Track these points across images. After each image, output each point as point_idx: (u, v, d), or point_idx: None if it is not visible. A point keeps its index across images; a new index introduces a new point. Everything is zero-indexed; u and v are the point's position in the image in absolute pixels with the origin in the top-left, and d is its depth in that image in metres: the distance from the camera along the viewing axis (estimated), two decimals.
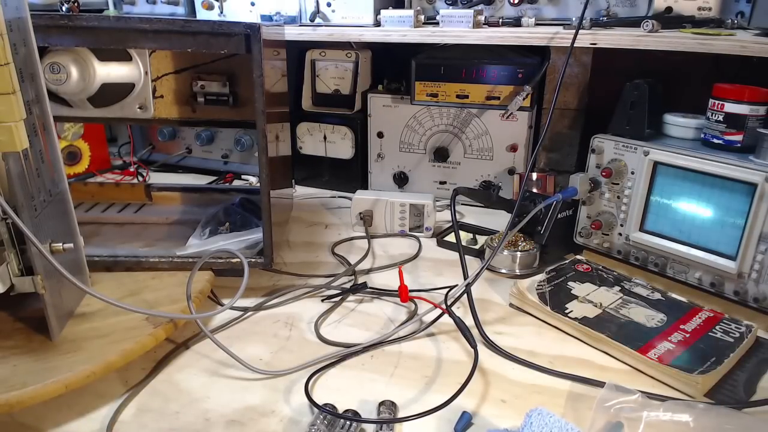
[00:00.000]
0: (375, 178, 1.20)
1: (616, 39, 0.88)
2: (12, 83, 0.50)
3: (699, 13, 0.94)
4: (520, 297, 0.76)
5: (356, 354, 0.67)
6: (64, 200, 0.65)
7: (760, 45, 0.77)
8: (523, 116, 1.06)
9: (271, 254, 0.79)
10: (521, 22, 0.98)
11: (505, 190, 1.10)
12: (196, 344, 0.69)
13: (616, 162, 0.85)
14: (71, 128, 1.23)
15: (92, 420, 0.56)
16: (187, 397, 0.59)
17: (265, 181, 0.76)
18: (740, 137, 0.76)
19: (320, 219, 1.08)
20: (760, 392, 0.60)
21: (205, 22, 0.71)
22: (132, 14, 1.19)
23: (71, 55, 0.83)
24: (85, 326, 0.64)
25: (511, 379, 0.63)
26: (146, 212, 0.99)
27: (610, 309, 0.73)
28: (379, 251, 0.95)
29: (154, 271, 0.77)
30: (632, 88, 0.83)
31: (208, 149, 1.29)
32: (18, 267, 0.58)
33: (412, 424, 0.55)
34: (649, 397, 0.54)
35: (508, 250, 0.87)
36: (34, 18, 0.59)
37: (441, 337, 0.70)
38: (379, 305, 0.78)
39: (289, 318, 0.75)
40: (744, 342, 0.66)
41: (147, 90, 0.93)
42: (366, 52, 1.15)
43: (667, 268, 0.82)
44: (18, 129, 0.51)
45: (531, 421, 0.51)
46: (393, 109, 1.14)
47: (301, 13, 1.08)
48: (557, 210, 0.84)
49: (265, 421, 0.56)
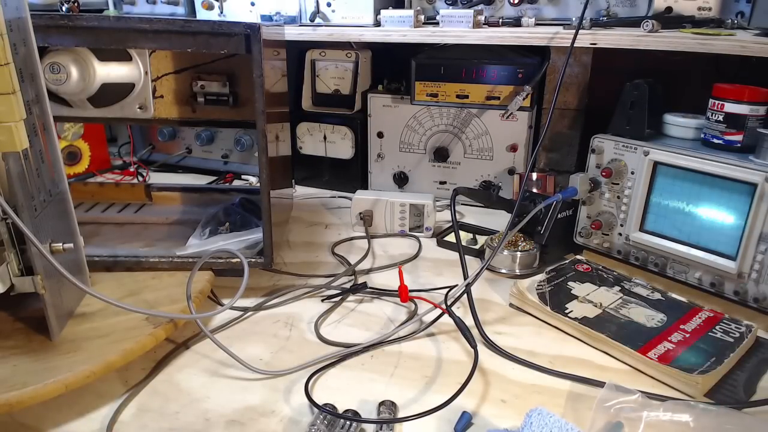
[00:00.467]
0: (375, 178, 1.20)
1: (616, 39, 0.88)
2: (12, 83, 0.50)
3: (699, 13, 0.94)
4: (520, 297, 0.76)
5: (356, 354, 0.67)
6: (64, 200, 0.65)
7: (760, 45, 0.77)
8: (523, 116, 1.06)
9: (271, 254, 0.79)
10: (521, 22, 0.98)
11: (505, 190, 1.10)
12: (196, 344, 0.69)
13: (616, 162, 0.85)
14: (71, 128, 1.23)
15: (92, 420, 0.56)
16: (187, 397, 0.59)
17: (265, 181, 0.76)
18: (740, 137, 0.76)
19: (320, 219, 1.08)
20: (760, 392, 0.60)
21: (205, 22, 0.71)
22: (132, 14, 1.19)
23: (71, 55, 0.83)
24: (85, 326, 0.64)
25: (511, 379, 0.63)
26: (146, 212, 0.99)
27: (610, 309, 0.73)
28: (379, 251, 0.95)
29: (154, 271, 0.77)
30: (632, 88, 0.83)
31: (208, 149, 1.29)
32: (18, 267, 0.58)
33: (412, 424, 0.55)
34: (649, 397, 0.54)
35: (508, 250, 0.87)
36: (34, 18, 0.59)
37: (441, 337, 0.70)
38: (379, 305, 0.78)
39: (289, 318, 0.75)
40: (744, 342, 0.66)
41: (147, 90, 0.93)
42: (366, 52, 1.15)
43: (667, 268, 0.82)
44: (18, 129, 0.51)
45: (531, 421, 0.51)
46: (393, 109, 1.14)
47: (301, 13, 1.08)
48: (557, 210, 0.84)
49: (265, 421, 0.56)
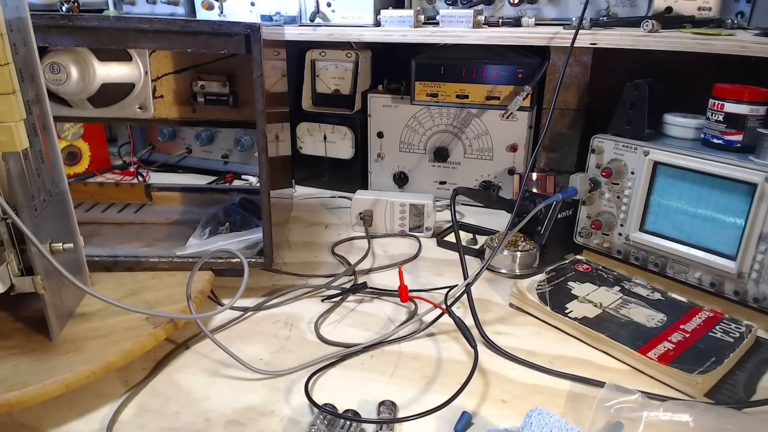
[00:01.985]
0: (375, 178, 1.20)
1: (616, 39, 0.88)
2: (12, 83, 0.50)
3: (699, 13, 0.94)
4: (520, 297, 0.76)
5: (356, 354, 0.67)
6: (64, 200, 0.65)
7: (760, 45, 0.77)
8: (523, 116, 1.06)
9: (271, 254, 0.79)
10: (521, 22, 0.98)
11: (505, 190, 1.10)
12: (196, 344, 0.69)
13: (616, 162, 0.85)
14: (71, 128, 1.23)
15: (92, 420, 0.56)
16: (187, 397, 0.59)
17: (265, 181, 0.76)
18: (740, 137, 0.76)
19: (320, 219, 1.08)
20: (760, 392, 0.60)
21: (205, 22, 0.71)
22: (132, 14, 1.19)
23: (71, 55, 0.83)
24: (85, 326, 0.64)
25: (511, 379, 0.63)
26: (146, 212, 0.99)
27: (610, 309, 0.73)
28: (379, 251, 0.95)
29: (154, 271, 0.77)
30: (632, 88, 0.83)
31: (208, 149, 1.29)
32: (18, 267, 0.58)
33: (412, 424, 0.55)
34: (649, 397, 0.54)
35: (508, 250, 0.87)
36: (34, 18, 0.59)
37: (441, 337, 0.70)
38: (379, 305, 0.78)
39: (289, 318, 0.75)
40: (744, 342, 0.66)
41: (147, 90, 0.93)
42: (366, 52, 1.15)
43: (667, 268, 0.82)
44: (18, 129, 0.51)
45: (531, 421, 0.51)
46: (393, 109, 1.14)
47: (301, 13, 1.08)
48: (557, 210, 0.84)
49: (265, 421, 0.56)
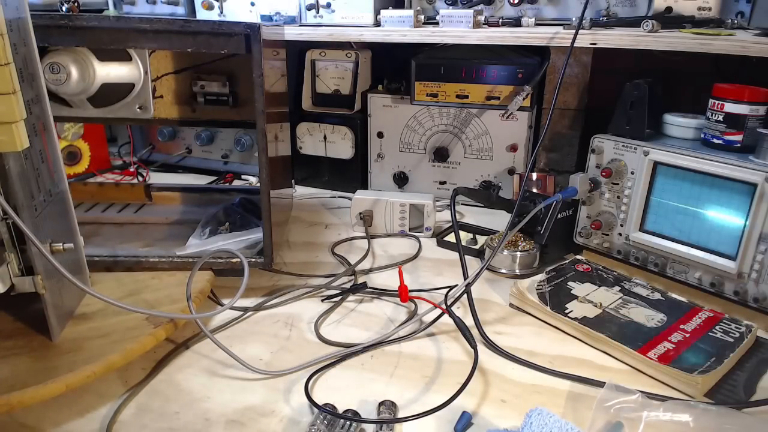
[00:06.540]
0: (375, 178, 1.20)
1: (616, 39, 0.88)
2: (12, 83, 0.50)
3: (699, 13, 0.94)
4: (520, 297, 0.76)
5: (356, 354, 0.67)
6: (64, 200, 0.65)
7: (759, 45, 0.77)
8: (523, 116, 1.06)
9: (271, 254, 0.79)
10: (521, 22, 0.98)
11: (505, 190, 1.10)
12: (196, 344, 0.69)
13: (616, 162, 0.85)
14: (71, 128, 1.23)
15: (92, 420, 0.56)
16: (187, 397, 0.59)
17: (265, 181, 0.76)
18: (740, 137, 0.76)
19: (320, 219, 1.08)
20: (760, 392, 0.60)
21: (205, 22, 0.71)
22: (132, 14, 1.19)
23: (71, 55, 0.83)
24: (85, 326, 0.64)
25: (511, 379, 0.63)
26: (146, 212, 0.99)
27: (610, 309, 0.73)
28: (379, 251, 0.95)
29: (154, 271, 0.77)
30: (632, 88, 0.83)
31: (208, 149, 1.29)
32: (18, 267, 0.58)
33: (412, 424, 0.55)
34: (649, 397, 0.54)
35: (508, 250, 0.87)
36: (34, 18, 0.59)
37: (441, 337, 0.70)
38: (379, 305, 0.78)
39: (289, 318, 0.75)
40: (744, 342, 0.66)
41: (147, 90, 0.93)
42: (366, 52, 1.15)
43: (667, 268, 0.82)
44: (18, 129, 0.51)
45: (531, 421, 0.51)
46: (393, 109, 1.14)
47: (301, 13, 1.08)
48: (557, 210, 0.84)
49: (265, 421, 0.56)
